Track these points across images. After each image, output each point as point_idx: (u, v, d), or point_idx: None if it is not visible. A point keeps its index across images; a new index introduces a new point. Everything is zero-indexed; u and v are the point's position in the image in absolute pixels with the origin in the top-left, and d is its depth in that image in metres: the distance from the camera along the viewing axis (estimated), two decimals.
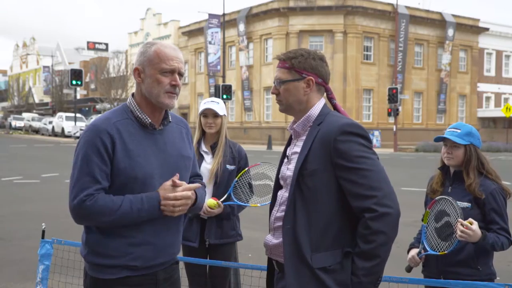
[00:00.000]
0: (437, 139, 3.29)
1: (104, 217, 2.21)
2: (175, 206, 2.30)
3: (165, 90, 2.33)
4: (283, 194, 2.34)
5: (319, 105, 2.33)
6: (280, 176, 2.40)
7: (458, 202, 3.03)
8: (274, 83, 2.36)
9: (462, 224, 2.89)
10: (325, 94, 2.40)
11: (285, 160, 2.39)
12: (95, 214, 2.21)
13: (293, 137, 2.40)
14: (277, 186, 2.43)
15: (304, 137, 2.29)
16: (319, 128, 2.24)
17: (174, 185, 2.31)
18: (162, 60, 2.31)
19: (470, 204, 3.11)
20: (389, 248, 2.14)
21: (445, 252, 2.94)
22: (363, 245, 2.11)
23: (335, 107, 2.41)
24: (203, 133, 3.85)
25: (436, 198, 3.07)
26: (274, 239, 2.33)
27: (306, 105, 2.31)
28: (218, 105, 3.76)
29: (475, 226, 2.92)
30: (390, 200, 2.12)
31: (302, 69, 2.29)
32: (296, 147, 2.31)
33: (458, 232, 2.89)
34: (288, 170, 2.31)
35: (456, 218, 2.91)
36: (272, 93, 2.37)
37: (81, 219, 2.27)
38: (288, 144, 2.43)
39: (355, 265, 2.12)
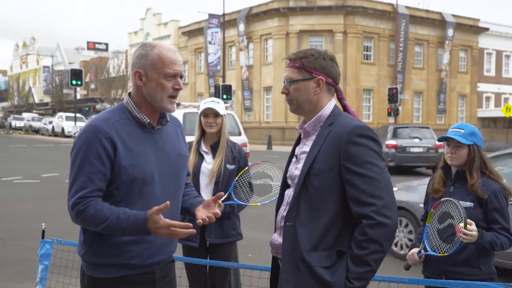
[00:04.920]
0: (441, 139, 3.29)
1: (91, 226, 2.24)
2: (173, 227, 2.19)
3: (168, 95, 2.32)
4: (290, 193, 2.32)
5: (330, 105, 2.31)
6: (288, 175, 2.38)
7: (460, 201, 3.02)
8: (284, 83, 2.34)
9: (465, 226, 2.87)
10: (335, 94, 2.38)
11: (294, 159, 2.37)
12: (84, 219, 2.23)
13: (302, 136, 2.38)
14: (285, 185, 2.41)
15: (314, 137, 2.28)
16: (331, 129, 2.22)
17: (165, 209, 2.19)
18: (166, 64, 2.29)
19: (472, 204, 3.11)
20: (381, 259, 2.13)
21: (445, 254, 2.93)
22: (356, 250, 2.11)
23: (345, 108, 2.39)
24: (203, 133, 3.84)
25: (442, 199, 3.05)
26: (280, 238, 2.32)
27: (317, 105, 2.30)
28: (218, 105, 3.76)
29: (473, 226, 2.92)
30: (389, 210, 2.10)
31: (312, 69, 2.27)
32: (306, 147, 2.30)
33: (462, 236, 2.87)
34: (297, 169, 2.29)
35: (460, 221, 2.90)
36: (282, 92, 2.34)
37: (75, 220, 2.29)
38: (296, 144, 2.42)
39: (348, 268, 2.12)
